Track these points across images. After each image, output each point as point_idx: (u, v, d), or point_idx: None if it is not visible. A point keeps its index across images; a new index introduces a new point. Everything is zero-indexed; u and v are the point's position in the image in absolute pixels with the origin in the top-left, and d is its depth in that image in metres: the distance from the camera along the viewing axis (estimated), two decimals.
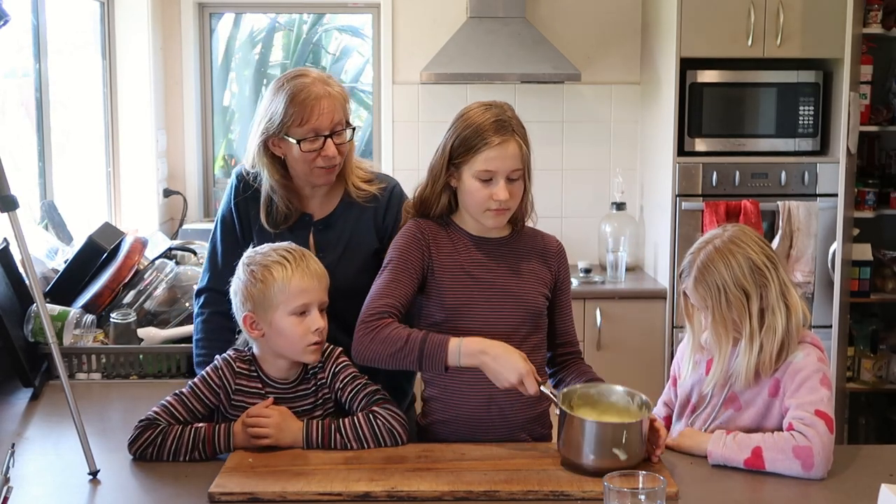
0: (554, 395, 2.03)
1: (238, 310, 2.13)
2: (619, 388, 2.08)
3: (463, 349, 2.00)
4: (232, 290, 2.15)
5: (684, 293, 2.15)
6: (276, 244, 2.16)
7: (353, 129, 2.33)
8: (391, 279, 2.11)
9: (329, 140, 2.27)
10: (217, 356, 2.16)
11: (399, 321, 2.07)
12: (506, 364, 1.99)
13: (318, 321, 2.08)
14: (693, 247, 2.13)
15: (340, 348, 2.17)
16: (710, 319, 2.07)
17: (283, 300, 2.06)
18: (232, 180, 2.45)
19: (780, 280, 2.07)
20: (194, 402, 2.08)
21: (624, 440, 1.90)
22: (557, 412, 1.99)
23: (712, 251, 2.07)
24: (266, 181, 2.34)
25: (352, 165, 2.39)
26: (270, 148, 2.31)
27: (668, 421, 2.29)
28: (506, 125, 2.09)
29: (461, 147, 2.09)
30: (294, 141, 2.26)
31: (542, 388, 1.99)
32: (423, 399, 2.22)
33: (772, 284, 2.05)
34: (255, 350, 2.14)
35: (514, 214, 2.18)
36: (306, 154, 2.26)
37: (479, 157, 2.07)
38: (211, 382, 2.10)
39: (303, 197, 2.39)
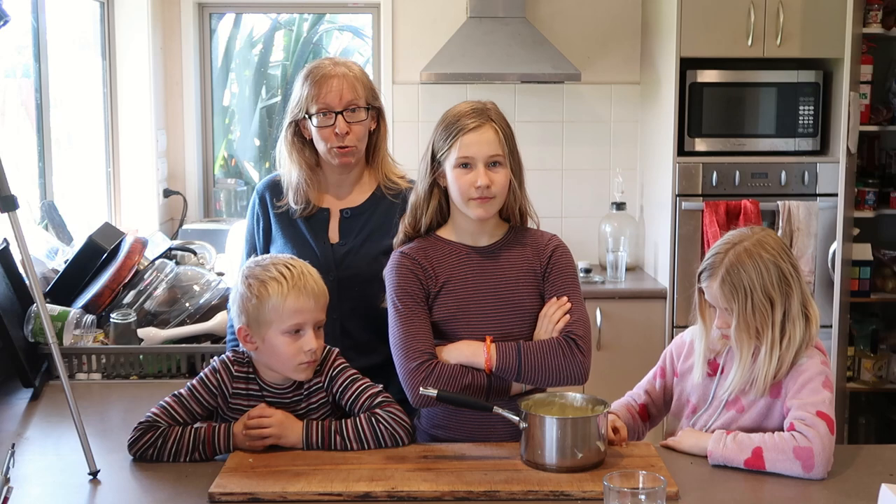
0: (512, 413, 1.99)
1: (234, 319, 2.10)
2: (577, 395, 2.08)
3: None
4: (231, 297, 2.12)
5: (700, 290, 2.12)
6: (279, 256, 2.13)
7: (378, 110, 2.39)
8: (410, 324, 2.10)
9: (340, 116, 2.30)
10: (215, 358, 2.16)
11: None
12: None
13: (311, 342, 2.03)
14: (717, 245, 2.10)
15: (337, 349, 2.15)
16: (734, 323, 2.05)
17: (277, 318, 2.02)
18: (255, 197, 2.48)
19: (802, 290, 2.06)
20: (193, 403, 2.08)
21: (579, 436, 1.92)
22: (522, 427, 1.97)
23: (742, 252, 2.04)
24: (295, 166, 2.39)
25: (384, 154, 2.45)
26: (301, 131, 2.38)
27: (643, 409, 2.29)
28: (481, 113, 2.11)
29: (441, 139, 2.11)
30: (312, 121, 2.33)
31: (499, 410, 1.99)
32: None
33: (795, 294, 2.05)
34: (252, 356, 2.12)
35: (508, 213, 2.18)
36: (321, 130, 2.33)
37: (457, 144, 2.08)
38: (209, 384, 2.10)
39: (331, 185, 2.42)
